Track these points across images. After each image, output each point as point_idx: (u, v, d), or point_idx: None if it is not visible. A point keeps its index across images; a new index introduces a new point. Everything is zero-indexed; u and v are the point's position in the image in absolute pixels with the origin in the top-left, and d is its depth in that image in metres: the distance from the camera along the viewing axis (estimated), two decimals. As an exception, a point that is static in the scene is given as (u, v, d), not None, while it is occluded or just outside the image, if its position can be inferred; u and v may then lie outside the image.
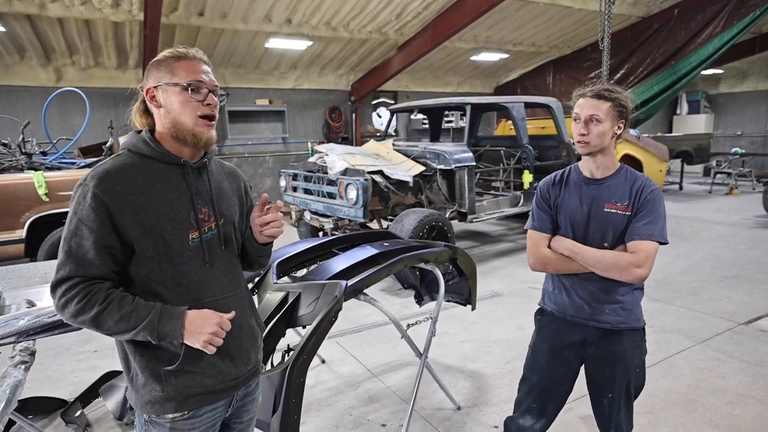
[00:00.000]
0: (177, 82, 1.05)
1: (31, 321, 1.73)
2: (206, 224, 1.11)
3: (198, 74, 1.07)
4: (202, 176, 1.14)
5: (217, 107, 1.11)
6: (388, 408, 2.46)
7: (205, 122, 1.08)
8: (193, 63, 1.08)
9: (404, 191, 4.80)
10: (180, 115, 1.06)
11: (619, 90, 1.47)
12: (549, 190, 1.59)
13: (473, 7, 6.19)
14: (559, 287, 1.60)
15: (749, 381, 2.62)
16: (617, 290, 1.50)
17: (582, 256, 1.47)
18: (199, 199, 1.11)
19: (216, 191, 1.16)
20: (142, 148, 1.08)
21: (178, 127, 1.07)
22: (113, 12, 5.56)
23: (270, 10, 6.25)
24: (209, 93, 1.08)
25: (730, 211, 7.44)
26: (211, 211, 1.13)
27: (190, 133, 1.07)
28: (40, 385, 2.73)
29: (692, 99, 12.42)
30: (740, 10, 6.92)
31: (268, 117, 8.52)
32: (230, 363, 1.14)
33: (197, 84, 1.06)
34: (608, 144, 1.47)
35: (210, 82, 1.09)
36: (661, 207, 1.47)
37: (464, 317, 3.54)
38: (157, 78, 1.07)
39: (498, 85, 10.80)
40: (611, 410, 1.55)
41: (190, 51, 1.09)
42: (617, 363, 1.52)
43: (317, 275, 2.05)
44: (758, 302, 3.77)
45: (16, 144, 4.42)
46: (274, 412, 1.59)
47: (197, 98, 1.07)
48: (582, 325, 1.54)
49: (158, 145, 1.09)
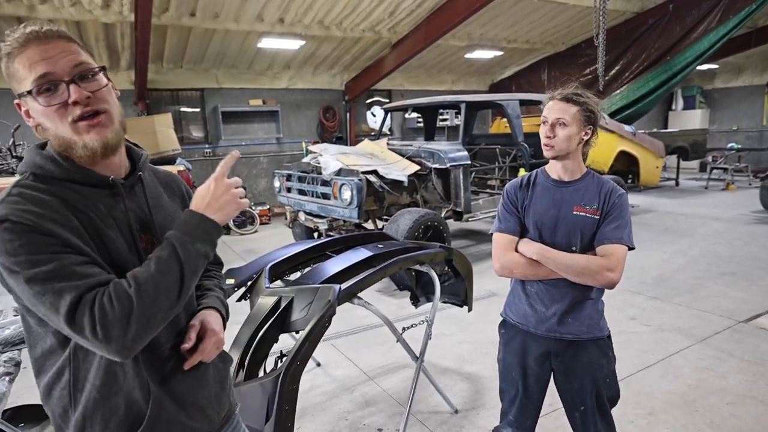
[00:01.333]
0: (22, 91, 0.78)
1: (17, 330, 1.69)
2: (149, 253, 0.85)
3: (42, 65, 0.76)
4: (136, 194, 0.90)
5: (96, 97, 0.80)
6: (384, 412, 2.43)
7: (85, 124, 0.79)
8: (34, 51, 0.76)
9: (399, 191, 4.76)
10: (55, 129, 0.80)
11: (588, 95, 1.45)
12: (516, 193, 1.55)
13: (466, 5, 6.15)
14: (521, 295, 1.57)
15: (750, 380, 2.60)
16: (581, 299, 1.48)
17: (553, 260, 1.43)
18: (138, 225, 0.87)
19: (155, 210, 0.92)
20: (51, 169, 0.80)
21: (63, 143, 0.81)
22: (104, 13, 5.49)
23: (262, 10, 6.19)
24: (70, 84, 0.78)
25: (726, 206, 7.44)
26: (152, 238, 0.89)
27: (78, 146, 0.80)
28: (30, 392, 2.68)
29: (688, 94, 12.43)
30: (735, 5, 6.90)
31: (262, 117, 8.46)
32: (201, 417, 0.94)
33: (44, 81, 0.76)
34: (575, 149, 1.45)
35: (65, 68, 0.77)
36: (628, 212, 1.47)
37: (461, 318, 3.51)
38: (13, 87, 0.81)
39: (493, 83, 10.77)
40: (586, 422, 1.52)
41: (26, 32, 0.77)
42: (584, 374, 1.49)
43: (310, 279, 2.01)
44: (756, 299, 3.76)
45: (6, 147, 4.35)
46: (267, 420, 1.55)
47: (56, 101, 0.77)
48: (544, 338, 1.52)
49: (70, 163, 0.81)
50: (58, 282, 0.72)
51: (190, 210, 0.82)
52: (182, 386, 0.91)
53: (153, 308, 0.74)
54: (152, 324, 0.76)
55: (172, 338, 0.90)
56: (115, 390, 0.83)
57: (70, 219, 0.77)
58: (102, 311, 0.72)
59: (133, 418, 0.84)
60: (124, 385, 0.84)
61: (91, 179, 0.83)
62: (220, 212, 0.82)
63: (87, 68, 0.80)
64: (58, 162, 0.82)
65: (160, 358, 0.88)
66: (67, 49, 0.79)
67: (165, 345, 0.89)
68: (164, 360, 0.89)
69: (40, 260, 0.72)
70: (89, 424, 0.82)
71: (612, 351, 1.55)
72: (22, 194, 0.77)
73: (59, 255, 0.73)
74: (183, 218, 0.82)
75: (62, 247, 0.74)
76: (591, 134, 1.46)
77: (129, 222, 0.86)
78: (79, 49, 0.82)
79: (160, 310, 0.75)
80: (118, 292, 0.73)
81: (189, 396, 0.91)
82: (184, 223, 0.81)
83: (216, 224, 0.82)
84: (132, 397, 0.84)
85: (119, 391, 0.83)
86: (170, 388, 0.89)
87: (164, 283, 0.76)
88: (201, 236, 0.80)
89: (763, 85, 11.37)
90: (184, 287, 0.78)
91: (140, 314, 0.73)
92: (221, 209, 0.82)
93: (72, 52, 0.80)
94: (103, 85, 0.82)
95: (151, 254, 0.79)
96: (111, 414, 0.83)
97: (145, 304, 0.74)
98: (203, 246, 0.80)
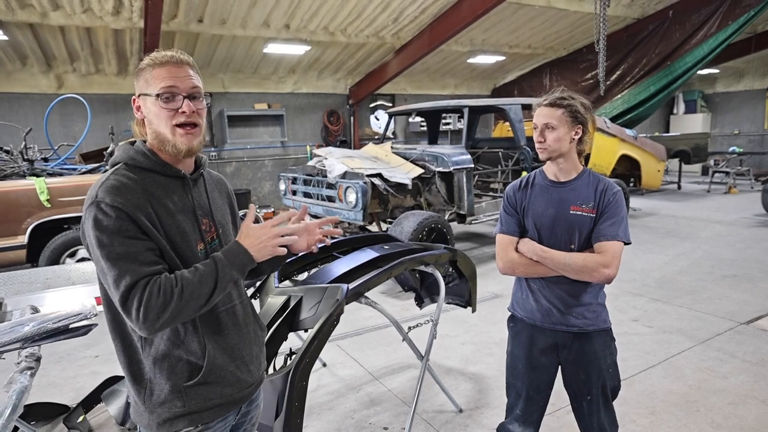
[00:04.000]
0: (149, 92, 1.01)
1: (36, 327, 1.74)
2: (209, 234, 1.10)
3: (171, 80, 1.00)
4: (198, 187, 1.13)
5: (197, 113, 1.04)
6: (389, 411, 2.47)
7: (183, 131, 1.02)
8: (169, 69, 1.01)
9: (403, 194, 4.81)
10: (158, 126, 1.02)
11: (573, 97, 1.51)
12: (515, 195, 1.62)
13: (469, 11, 6.23)
14: (527, 291, 1.62)
15: (751, 381, 2.63)
16: (583, 293, 1.53)
17: (551, 259, 1.49)
18: (200, 211, 1.10)
19: (213, 202, 1.16)
20: (141, 161, 1.03)
21: (160, 138, 1.03)
22: (114, 20, 5.60)
23: (268, 16, 6.29)
24: (185, 99, 1.02)
25: (728, 209, 7.46)
26: (211, 222, 1.12)
27: (170, 144, 1.02)
28: (43, 390, 2.73)
29: (689, 98, 12.47)
30: (734, 11, 6.97)
31: (267, 121, 8.54)
32: (245, 370, 1.14)
33: (169, 91, 1.00)
34: (568, 148, 1.51)
35: (186, 87, 1.02)
36: (623, 209, 1.52)
37: (465, 319, 3.55)
38: (138, 87, 1.04)
39: (495, 87, 10.84)
40: (591, 412, 1.57)
41: (168, 55, 1.02)
42: (591, 365, 1.55)
43: (319, 279, 2.06)
44: (758, 301, 3.78)
45: (18, 151, 4.44)
46: (277, 416, 1.59)
47: (171, 107, 1.01)
48: (551, 330, 1.57)
49: (156, 157, 1.04)
50: (125, 263, 0.93)
51: (238, 241, 1.04)
52: (232, 342, 1.12)
53: (186, 307, 0.96)
54: (180, 317, 0.96)
55: (225, 303, 1.11)
56: (177, 343, 1.04)
57: (148, 208, 0.98)
58: (149, 296, 0.92)
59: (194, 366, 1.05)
60: (185, 339, 1.05)
61: (170, 171, 1.06)
62: (258, 251, 1.03)
63: (199, 91, 1.05)
64: (147, 156, 1.04)
65: (216, 320, 1.09)
66: (190, 75, 1.04)
67: (221, 308, 1.10)
68: (219, 321, 1.09)
69: (119, 242, 0.93)
70: (159, 370, 1.03)
71: (614, 343, 1.61)
72: (118, 181, 0.98)
73: (132, 240, 0.95)
74: (231, 246, 1.03)
75: (137, 232, 0.95)
76: (582, 133, 1.52)
77: (194, 208, 1.09)
78: (197, 75, 1.07)
79: (189, 309, 0.97)
80: (165, 286, 0.94)
81: (237, 351, 1.12)
82: (230, 250, 1.02)
83: (252, 258, 1.03)
84: (191, 348, 1.05)
85: (181, 344, 1.04)
86: (223, 342, 1.10)
87: (199, 292, 0.97)
88: (238, 265, 1.01)
89: (763, 90, 11.40)
90: (212, 299, 0.99)
91: (175, 308, 0.94)
92: (260, 250, 1.03)
93: (193, 78, 1.04)
94: (204, 107, 1.07)
95: (200, 264, 1.00)
96: (176, 361, 1.04)
97: (181, 302, 0.94)
98: (236, 273, 1.01)
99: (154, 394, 1.03)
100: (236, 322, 1.13)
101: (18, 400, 1.47)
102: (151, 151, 1.05)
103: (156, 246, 0.98)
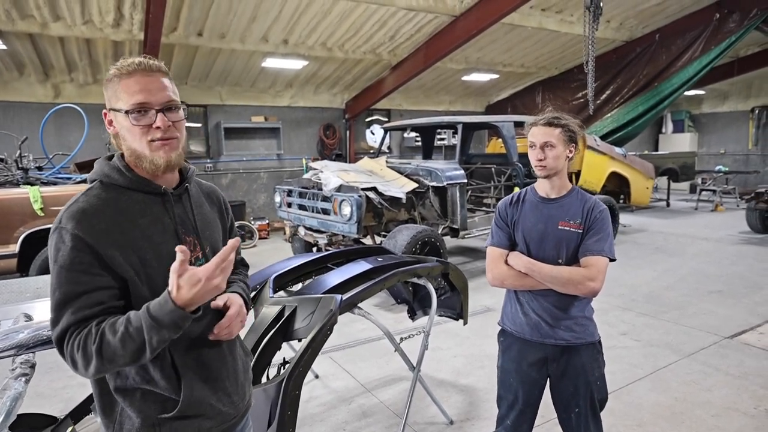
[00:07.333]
0: (119, 108, 0.93)
1: (31, 334, 1.75)
2: (193, 254, 1.01)
3: (141, 94, 0.92)
4: (183, 202, 1.04)
5: (174, 126, 0.95)
6: (381, 423, 2.48)
7: (159, 144, 0.94)
8: (137, 79, 0.92)
9: (397, 207, 4.88)
10: (132, 143, 0.95)
11: (567, 117, 1.60)
12: (507, 209, 1.68)
13: (463, 31, 6.41)
14: (516, 304, 1.67)
15: (734, 394, 2.69)
16: (571, 306, 1.58)
17: (539, 272, 1.54)
18: (183, 229, 1.01)
19: (199, 217, 1.06)
20: (116, 178, 0.96)
21: (135, 154, 0.96)
22: (114, 32, 5.68)
23: (267, 31, 6.42)
24: (159, 113, 0.93)
25: (715, 227, 7.62)
26: (196, 240, 1.03)
27: (147, 160, 0.95)
28: (31, 401, 2.70)
29: (677, 118, 12.80)
30: (717, 36, 7.29)
31: (264, 134, 8.62)
32: (228, 402, 1.05)
33: (140, 107, 0.92)
34: (563, 166, 1.58)
35: (159, 100, 0.93)
36: (609, 226, 1.58)
37: (456, 332, 3.58)
38: (107, 100, 0.96)
39: (489, 104, 11.06)
40: (579, 424, 1.61)
41: (135, 62, 0.93)
42: (579, 377, 1.59)
43: (313, 289, 2.09)
44: (741, 316, 3.87)
45: (12, 159, 4.45)
46: (269, 426, 1.61)
47: (144, 123, 0.93)
48: (540, 344, 1.62)
49: (133, 173, 0.97)
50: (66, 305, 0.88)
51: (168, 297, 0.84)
52: (214, 372, 1.03)
53: (110, 364, 0.87)
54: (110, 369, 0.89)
55: (205, 332, 1.01)
56: (147, 379, 0.96)
57: (116, 234, 0.92)
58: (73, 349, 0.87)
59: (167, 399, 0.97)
60: (154, 375, 0.96)
61: (147, 187, 0.98)
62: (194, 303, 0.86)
63: (174, 103, 0.97)
64: (122, 172, 0.97)
65: (195, 349, 1.01)
66: (163, 85, 0.95)
67: (201, 336, 1.00)
68: (199, 351, 1.01)
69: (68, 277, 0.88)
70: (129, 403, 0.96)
71: (602, 356, 1.65)
72: (88, 203, 0.93)
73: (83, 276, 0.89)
74: (160, 301, 0.85)
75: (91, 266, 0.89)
76: (574, 151, 1.60)
77: (175, 226, 1.01)
78: (171, 85, 0.98)
79: (116, 365, 0.88)
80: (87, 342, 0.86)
81: (219, 382, 1.03)
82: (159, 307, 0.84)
83: (186, 316, 0.85)
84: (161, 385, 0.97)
85: (150, 380, 0.96)
86: (203, 374, 1.01)
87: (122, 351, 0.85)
88: (168, 325, 0.84)
89: (747, 111, 11.76)
90: (145, 354, 0.87)
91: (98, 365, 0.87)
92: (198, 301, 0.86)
93: (166, 88, 0.96)
94: (181, 119, 0.99)
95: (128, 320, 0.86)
96: (147, 394, 0.96)
97: (103, 360, 0.86)
98: (168, 333, 0.86)
99: (124, 429, 0.96)
100: (219, 351, 1.04)
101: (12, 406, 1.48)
102: (127, 167, 0.97)
103: (112, 281, 0.90)
